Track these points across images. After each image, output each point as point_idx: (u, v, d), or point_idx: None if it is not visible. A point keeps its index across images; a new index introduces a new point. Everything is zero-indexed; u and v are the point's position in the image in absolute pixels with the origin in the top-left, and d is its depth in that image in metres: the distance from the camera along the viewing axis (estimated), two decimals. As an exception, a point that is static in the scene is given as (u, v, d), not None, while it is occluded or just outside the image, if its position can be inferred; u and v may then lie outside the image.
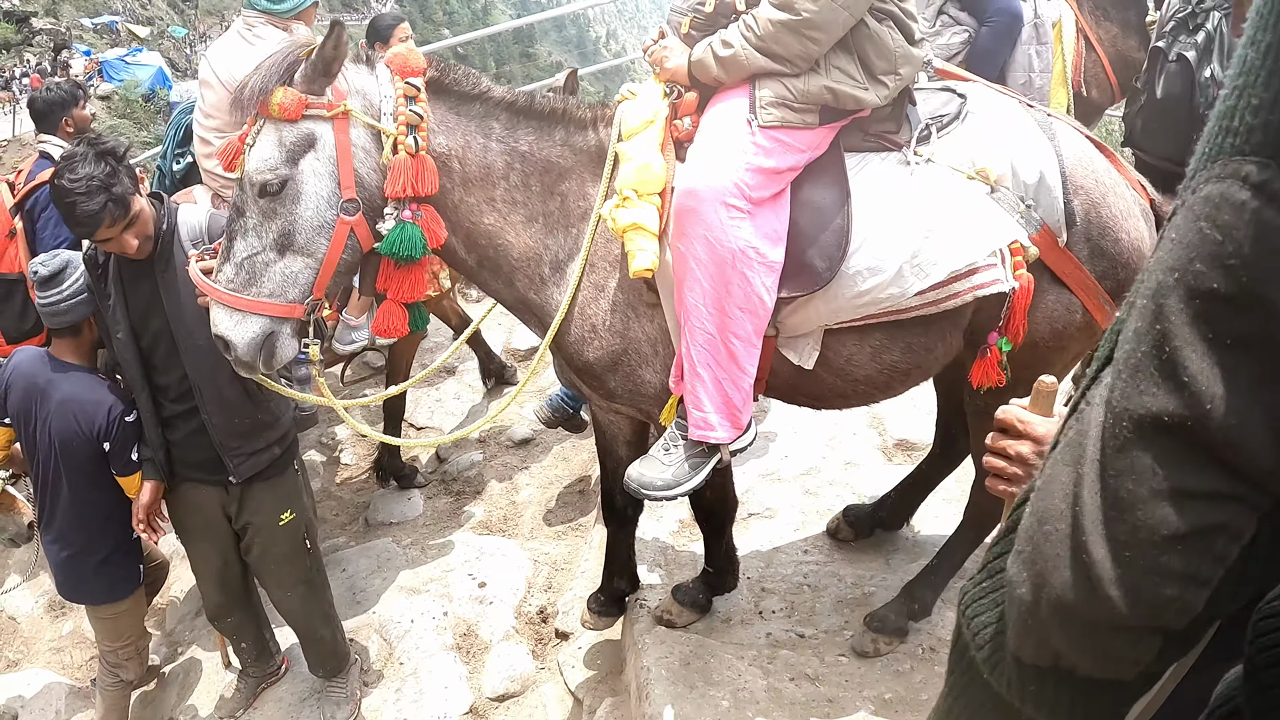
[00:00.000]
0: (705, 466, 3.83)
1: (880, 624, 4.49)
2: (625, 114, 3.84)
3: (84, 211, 4.07)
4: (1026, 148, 3.66)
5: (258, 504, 4.90)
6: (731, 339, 3.58)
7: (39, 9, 53.60)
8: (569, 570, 6.12)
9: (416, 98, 3.66)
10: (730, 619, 4.81)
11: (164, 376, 4.61)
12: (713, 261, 3.49)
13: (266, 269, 3.63)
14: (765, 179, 3.52)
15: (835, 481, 5.80)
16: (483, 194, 3.81)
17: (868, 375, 3.91)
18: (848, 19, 3.42)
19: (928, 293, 3.61)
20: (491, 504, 7.08)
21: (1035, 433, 2.06)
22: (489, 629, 5.77)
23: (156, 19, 69.20)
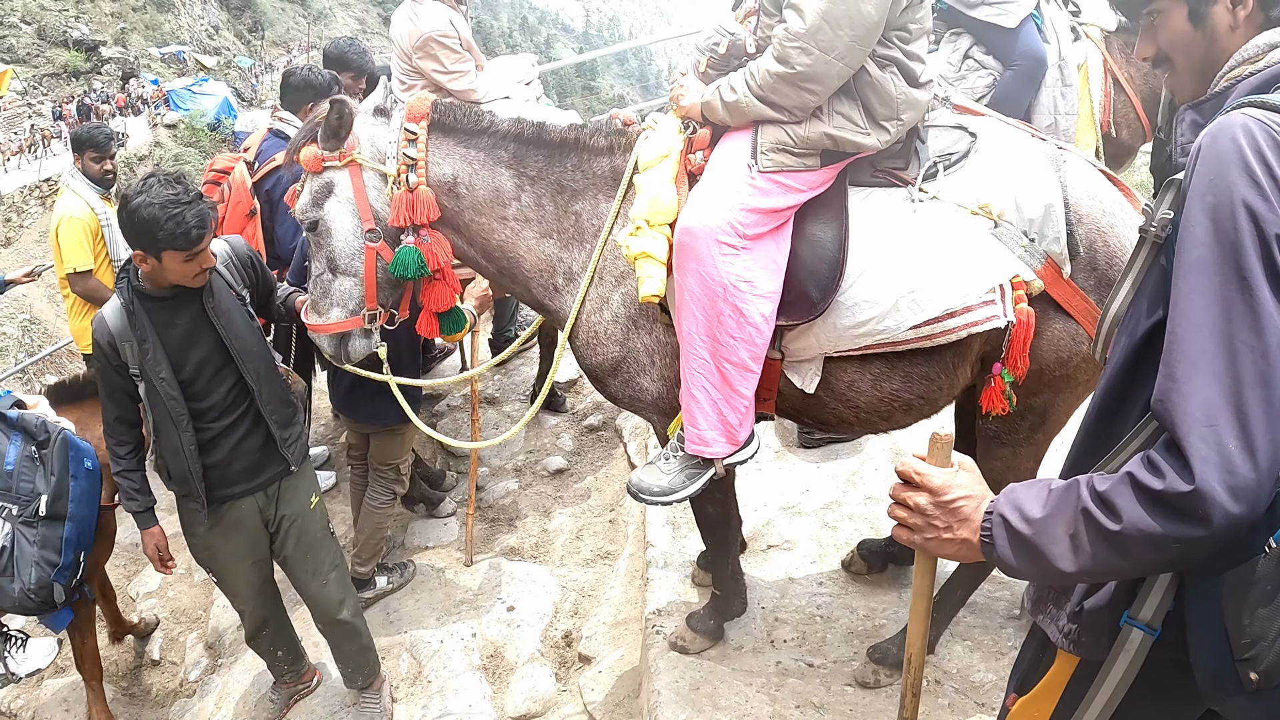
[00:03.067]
0: (700, 478, 4.06)
1: (882, 656, 4.58)
2: (643, 148, 4.11)
3: (195, 215, 4.24)
4: (1031, 182, 3.77)
5: (293, 493, 5.16)
6: (724, 364, 3.77)
7: (108, 38, 54.47)
8: (595, 597, 6.22)
9: (415, 140, 4.20)
10: (743, 646, 4.91)
11: (207, 400, 4.74)
12: (704, 294, 3.70)
13: (331, 285, 4.45)
14: (762, 218, 3.69)
15: (855, 516, 5.89)
16: (494, 214, 4.30)
17: (869, 403, 4.05)
18: (843, 70, 3.57)
19: (922, 327, 3.75)
20: (524, 531, 7.21)
21: (931, 484, 2.20)
22: (515, 651, 5.89)
23: (223, 49, 70.20)
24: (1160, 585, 2.07)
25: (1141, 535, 1.83)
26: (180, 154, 42.06)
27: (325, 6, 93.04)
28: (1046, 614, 2.34)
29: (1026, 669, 2.52)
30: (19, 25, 50.60)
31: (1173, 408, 1.83)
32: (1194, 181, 1.90)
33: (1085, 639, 2.22)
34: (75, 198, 7.30)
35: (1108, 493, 1.89)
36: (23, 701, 6.62)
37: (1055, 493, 2.01)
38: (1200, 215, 1.86)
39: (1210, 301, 1.82)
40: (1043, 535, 1.97)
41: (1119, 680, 2.12)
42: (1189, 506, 1.77)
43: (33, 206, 34.44)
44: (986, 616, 4.90)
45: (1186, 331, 1.84)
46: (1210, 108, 2.16)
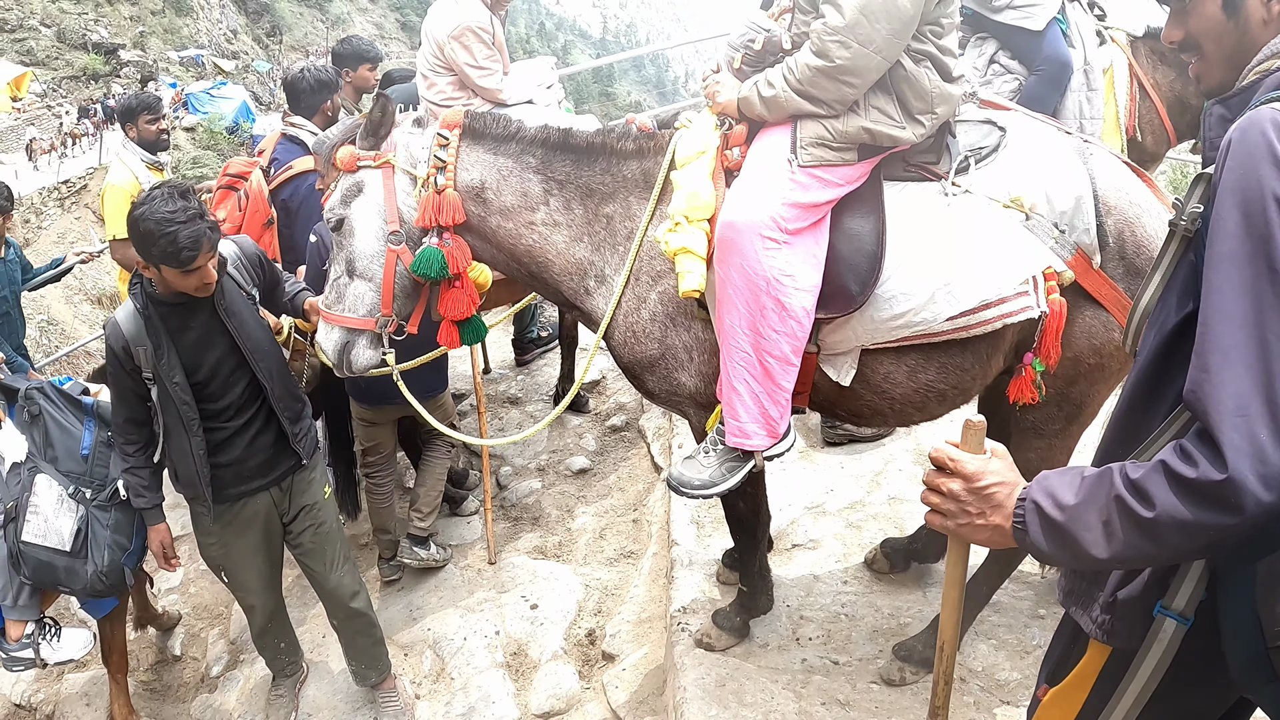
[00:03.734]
0: (740, 471, 4.07)
1: (908, 653, 4.59)
2: (680, 144, 4.15)
3: (188, 237, 4.21)
4: (1061, 174, 3.81)
5: (306, 485, 5.25)
6: (767, 357, 3.80)
7: (127, 41, 54.65)
8: (619, 596, 6.24)
9: (447, 145, 4.24)
10: (768, 644, 4.93)
11: (222, 401, 4.81)
12: (747, 288, 3.73)
13: (346, 289, 4.44)
14: (802, 212, 3.73)
15: (879, 515, 5.91)
16: (522, 218, 4.33)
17: (904, 394, 4.07)
18: (881, 63, 3.60)
19: (959, 318, 3.77)
20: (548, 530, 7.23)
21: (965, 470, 2.26)
22: (538, 649, 5.91)
23: (242, 53, 70.37)
24: (1193, 575, 2.10)
25: (1175, 522, 1.86)
26: (198, 156, 42.14)
27: (343, 11, 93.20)
28: (1079, 604, 2.36)
29: (1058, 660, 2.53)
30: (38, 28, 50.81)
31: (1205, 398, 1.86)
32: (1225, 175, 1.92)
33: (1119, 628, 2.23)
34: (122, 167, 7.55)
35: (1141, 480, 1.92)
36: (43, 695, 6.65)
37: (1088, 480, 2.03)
38: (1231, 209, 1.89)
39: (1242, 293, 1.85)
40: (1076, 522, 2.01)
41: (1152, 669, 2.16)
42: (1222, 495, 1.80)
43: (51, 208, 34.53)
44: (1011, 615, 4.90)
45: (1218, 323, 1.87)
46: (1238, 102, 2.18)
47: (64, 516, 5.14)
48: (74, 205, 36.04)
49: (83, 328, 27.37)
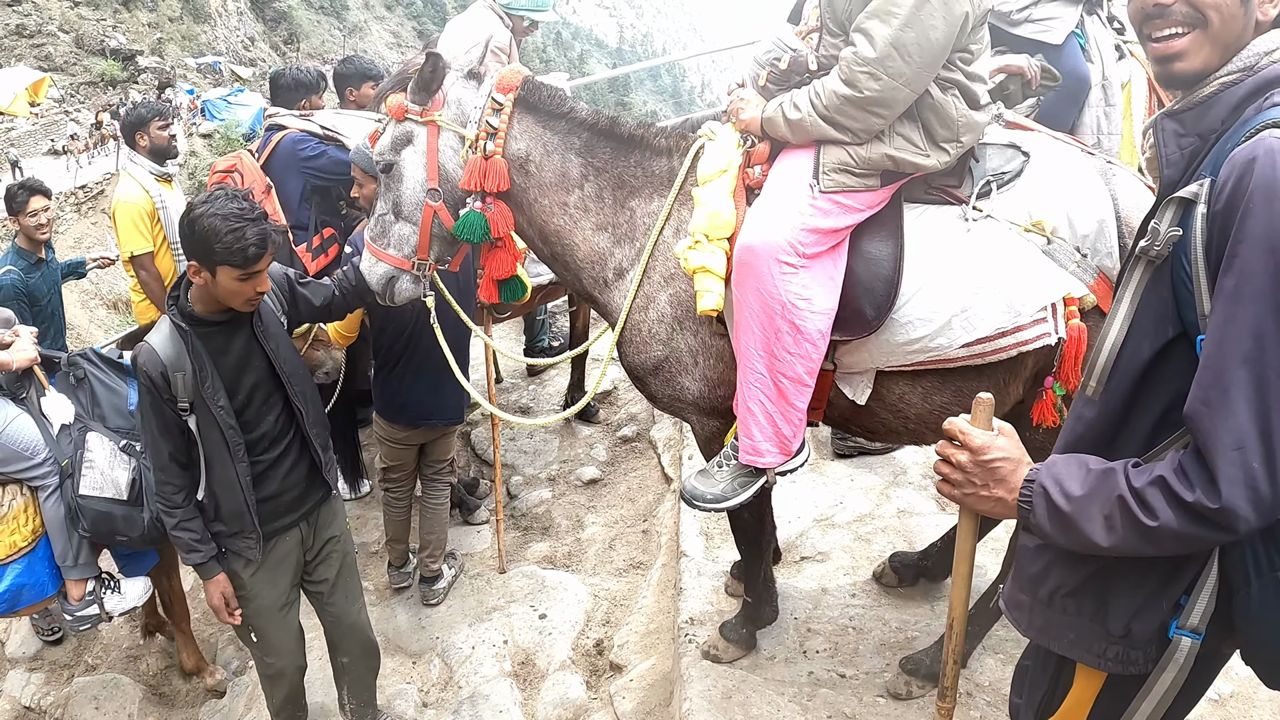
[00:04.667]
0: (752, 486, 4.07)
1: (915, 667, 4.59)
2: (702, 160, 4.13)
3: (256, 234, 4.10)
4: (1083, 197, 3.77)
5: (330, 518, 5.06)
6: (781, 379, 3.79)
7: (145, 48, 54.82)
8: (628, 606, 6.25)
9: (501, 110, 4.26)
10: (775, 656, 4.92)
11: (258, 429, 4.60)
12: (763, 311, 3.72)
13: (390, 227, 4.60)
14: (821, 237, 3.71)
15: (888, 529, 5.90)
16: (556, 197, 4.36)
17: (919, 414, 4.06)
18: (910, 95, 3.58)
19: (974, 345, 3.75)
20: (557, 539, 7.25)
21: (972, 444, 2.40)
22: (546, 658, 5.92)
23: (259, 60, 70.55)
24: (1207, 592, 2.18)
25: (1172, 534, 2.01)
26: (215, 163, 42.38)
27: (360, 20, 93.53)
28: (1073, 643, 2.40)
29: (1045, 694, 2.58)
30: (57, 34, 51.03)
31: (1205, 430, 1.97)
32: (1244, 211, 1.93)
33: (1135, 657, 2.29)
34: (130, 182, 7.53)
35: (1144, 493, 2.04)
36: (52, 699, 6.67)
37: (1094, 475, 2.16)
38: (1249, 249, 1.92)
39: (1246, 330, 1.92)
40: (1080, 513, 2.14)
41: (1168, 687, 2.22)
42: (1217, 519, 1.95)
43: (68, 213, 34.68)
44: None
45: (1223, 358, 1.95)
46: (1193, 116, 2.23)
47: (119, 468, 5.27)
48: (90, 210, 36.19)
49: (98, 332, 27.49)
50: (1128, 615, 2.28)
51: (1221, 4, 2.12)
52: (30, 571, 5.26)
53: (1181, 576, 2.22)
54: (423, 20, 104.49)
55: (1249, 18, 2.13)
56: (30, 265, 7.55)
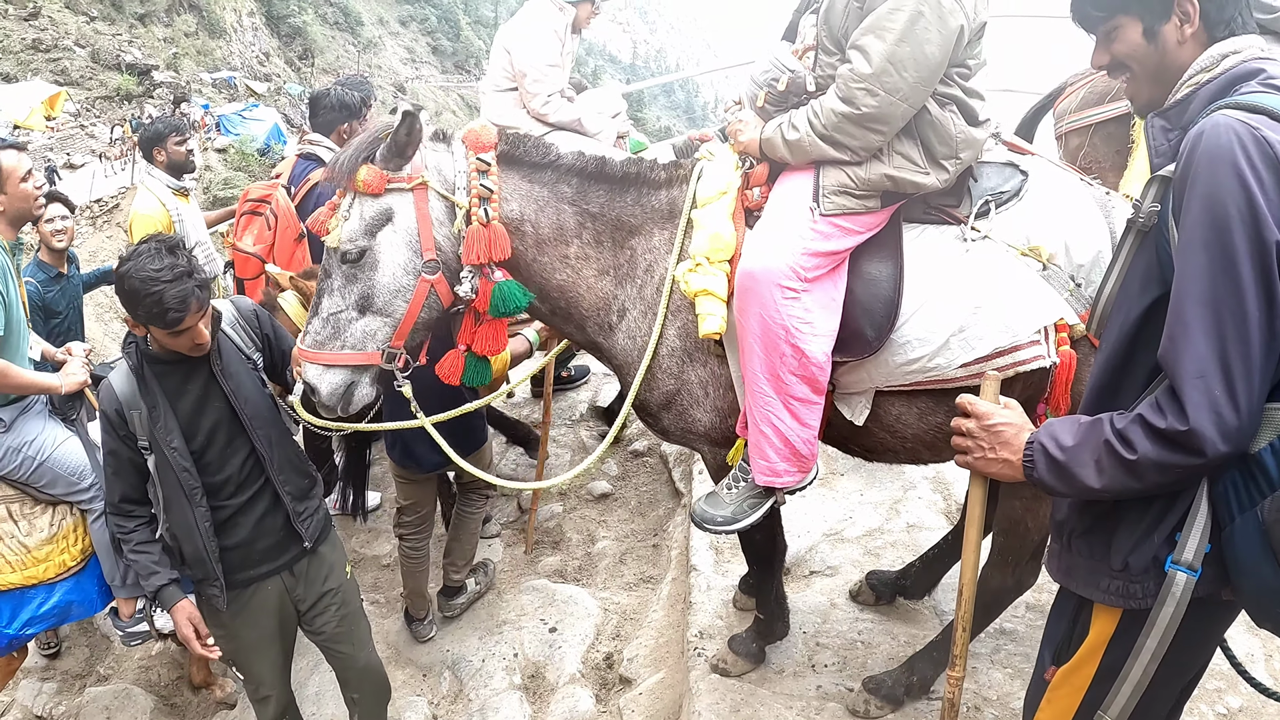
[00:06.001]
0: (762, 506, 4.09)
1: (876, 687, 4.63)
2: (701, 183, 4.11)
3: (174, 297, 3.92)
4: (1081, 227, 3.78)
5: (329, 568, 4.82)
6: (790, 400, 3.81)
7: (161, 63, 54.97)
8: (638, 620, 6.27)
9: (488, 171, 4.03)
10: (784, 670, 4.94)
11: (222, 473, 4.40)
12: (765, 335, 3.73)
13: (349, 326, 4.08)
14: (822, 260, 3.73)
15: (897, 543, 5.93)
16: (556, 252, 4.18)
17: (915, 434, 4.08)
18: (908, 110, 3.61)
19: (972, 365, 3.76)
20: (568, 554, 7.27)
21: (978, 411, 2.73)
22: (556, 672, 5.94)
23: (273, 75, 70.62)
24: (1198, 528, 2.38)
25: (1151, 463, 2.28)
26: (230, 178, 42.30)
27: (375, 35, 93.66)
28: (1083, 580, 2.67)
29: (1061, 640, 2.80)
30: (73, 48, 51.17)
31: (1172, 362, 2.25)
32: (1191, 175, 2.26)
33: (1135, 589, 2.52)
34: (148, 195, 7.59)
35: (1124, 429, 2.33)
36: (64, 708, 6.69)
37: (1083, 426, 2.45)
38: (1196, 203, 2.24)
39: (1201, 274, 2.22)
40: (1074, 460, 2.43)
41: (1167, 623, 2.40)
42: (1186, 441, 2.21)
43: (83, 225, 34.78)
44: (1027, 644, 4.92)
45: (1183, 300, 2.25)
46: (1176, 113, 2.55)
47: None
48: (106, 224, 36.26)
49: (113, 345, 27.46)
50: (1125, 550, 2.53)
51: (1134, 55, 2.61)
52: (79, 589, 5.26)
53: (1173, 513, 2.44)
54: (436, 36, 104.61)
55: (1163, 50, 2.55)
56: (49, 279, 7.58)
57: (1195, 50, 2.52)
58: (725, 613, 5.50)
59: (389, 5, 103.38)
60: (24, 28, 50.64)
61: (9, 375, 4.81)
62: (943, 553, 5.20)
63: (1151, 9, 2.52)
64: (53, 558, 5.13)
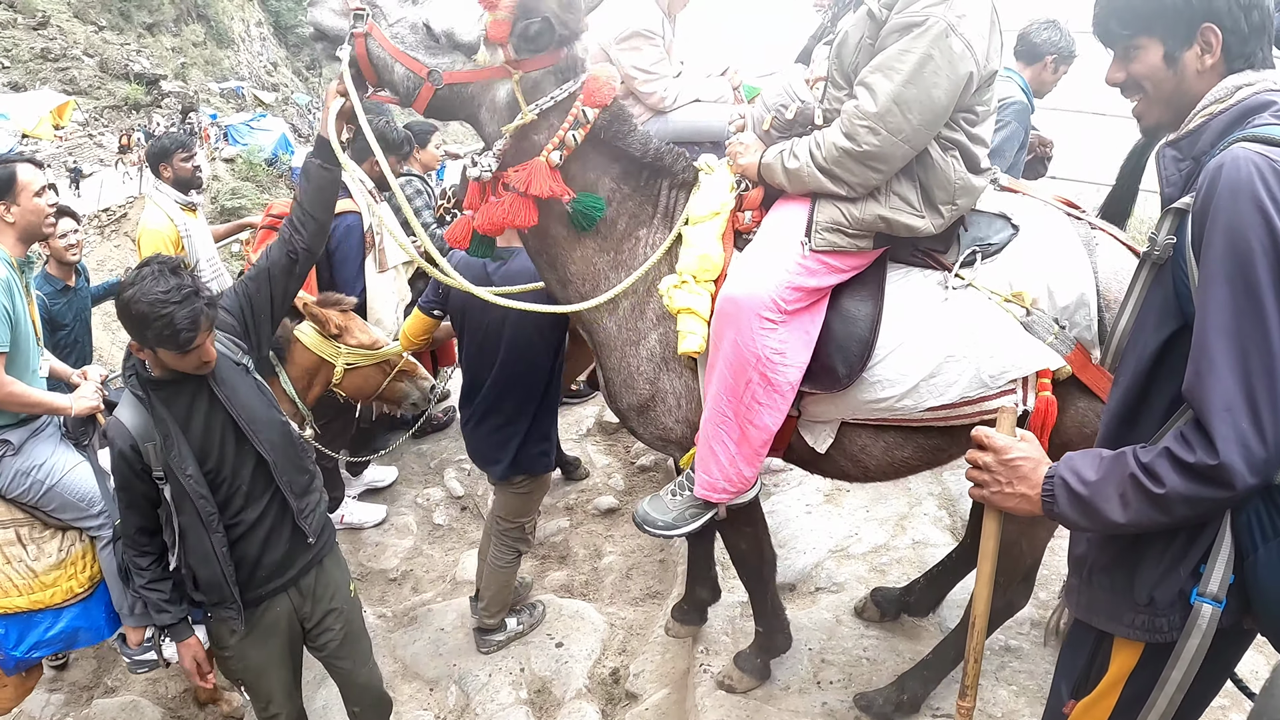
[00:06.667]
0: (701, 517, 4.17)
1: (867, 704, 4.67)
2: (695, 198, 4.16)
3: (185, 317, 3.90)
4: (1065, 269, 3.79)
5: (333, 584, 4.80)
6: (748, 425, 3.86)
7: (169, 72, 55.11)
8: (644, 635, 6.28)
9: (585, 127, 4.02)
10: (789, 686, 4.96)
11: (232, 488, 4.36)
12: (737, 360, 3.78)
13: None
14: (804, 295, 3.77)
15: (903, 560, 5.95)
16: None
17: (879, 465, 4.14)
18: (909, 152, 3.63)
19: (939, 410, 3.82)
20: (574, 568, 7.28)
21: (996, 445, 2.70)
22: (562, 687, 5.94)
23: (281, 85, 70.79)
24: (1222, 559, 2.39)
25: (1180, 497, 2.27)
26: (237, 188, 42.40)
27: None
28: (1106, 615, 2.66)
29: (1080, 674, 2.80)
30: (81, 58, 51.31)
31: (1199, 397, 2.25)
32: (1212, 209, 2.26)
33: (1161, 624, 2.51)
34: (156, 210, 7.61)
35: (1151, 464, 2.31)
36: (72, 720, 6.72)
37: (1106, 460, 2.43)
38: (1218, 236, 2.24)
39: (1225, 307, 2.22)
40: (1097, 495, 2.40)
41: (1193, 655, 2.41)
42: (1216, 476, 2.20)
43: (91, 235, 34.84)
44: (1031, 661, 4.93)
45: (1207, 333, 2.25)
46: (1188, 144, 2.55)
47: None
48: (114, 233, 36.32)
49: (120, 354, 27.49)
50: (1150, 584, 2.52)
51: (1151, 76, 2.58)
52: (86, 616, 5.25)
53: (1197, 545, 2.43)
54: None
55: (1181, 76, 2.54)
56: (57, 291, 7.59)
57: (1212, 80, 2.52)
58: (731, 629, 5.52)
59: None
60: (32, 37, 50.78)
61: (16, 394, 4.84)
62: (947, 570, 5.22)
63: (1176, 34, 2.51)
64: (60, 583, 5.13)
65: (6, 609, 5.01)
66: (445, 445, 9.28)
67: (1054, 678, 2.99)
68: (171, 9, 62.17)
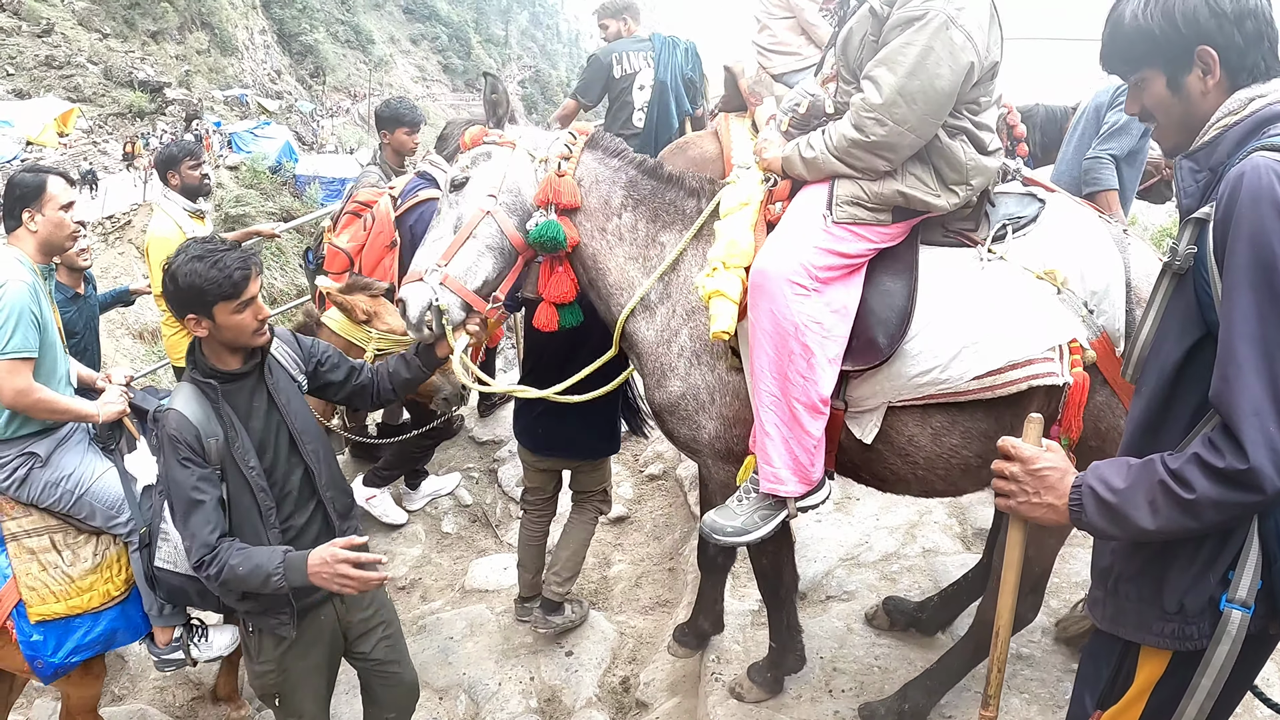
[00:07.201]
0: (774, 519, 4.09)
1: (870, 715, 4.66)
2: (725, 195, 4.30)
3: (235, 260, 4.00)
4: (1096, 256, 3.84)
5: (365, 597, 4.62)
6: (794, 402, 3.85)
7: (173, 80, 55.22)
8: (654, 644, 6.28)
9: (573, 143, 4.54)
10: (800, 695, 4.95)
11: (282, 491, 4.34)
12: (775, 332, 3.81)
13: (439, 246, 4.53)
14: (833, 261, 3.82)
15: (914, 568, 5.94)
16: (596, 222, 4.49)
17: (928, 458, 4.09)
18: (915, 141, 3.71)
19: (984, 378, 3.81)
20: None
21: (1023, 455, 2.68)
22: (572, 695, 5.96)
23: (285, 93, 70.97)
24: (1251, 565, 2.40)
25: (1210, 502, 2.26)
26: (241, 195, 42.52)
27: (386, 54, 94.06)
28: (1134, 625, 2.65)
29: (1106, 685, 2.78)
30: (86, 65, 51.46)
31: (1227, 402, 2.25)
32: (1234, 217, 2.27)
33: (1191, 631, 2.51)
34: (164, 218, 7.67)
35: (1180, 470, 2.31)
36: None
37: (1134, 468, 2.43)
38: (1241, 244, 2.26)
39: (1250, 314, 2.23)
40: (1127, 503, 2.40)
41: (1224, 661, 2.42)
42: (1246, 480, 2.20)
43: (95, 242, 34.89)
44: (1044, 669, 4.92)
45: (1233, 340, 2.25)
46: (1204, 155, 2.56)
47: None
48: (118, 240, 36.40)
49: (124, 361, 27.57)
50: (1180, 592, 2.51)
51: (1158, 105, 2.65)
52: (124, 617, 5.24)
53: (1226, 552, 2.44)
54: (447, 55, 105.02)
55: (1187, 100, 2.58)
56: (67, 300, 7.57)
57: (1219, 98, 2.54)
58: (742, 638, 5.51)
59: (400, 23, 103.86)
60: (37, 44, 50.95)
61: (45, 400, 4.85)
62: (960, 590, 5.20)
63: (1173, 62, 2.55)
64: (97, 587, 5.11)
65: (45, 616, 4.99)
66: (453, 454, 9.29)
67: (1074, 687, 2.99)
68: (175, 17, 62.36)
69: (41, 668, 5.08)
